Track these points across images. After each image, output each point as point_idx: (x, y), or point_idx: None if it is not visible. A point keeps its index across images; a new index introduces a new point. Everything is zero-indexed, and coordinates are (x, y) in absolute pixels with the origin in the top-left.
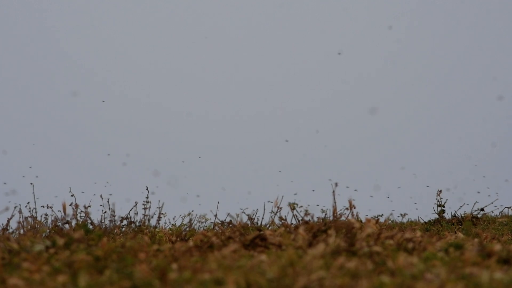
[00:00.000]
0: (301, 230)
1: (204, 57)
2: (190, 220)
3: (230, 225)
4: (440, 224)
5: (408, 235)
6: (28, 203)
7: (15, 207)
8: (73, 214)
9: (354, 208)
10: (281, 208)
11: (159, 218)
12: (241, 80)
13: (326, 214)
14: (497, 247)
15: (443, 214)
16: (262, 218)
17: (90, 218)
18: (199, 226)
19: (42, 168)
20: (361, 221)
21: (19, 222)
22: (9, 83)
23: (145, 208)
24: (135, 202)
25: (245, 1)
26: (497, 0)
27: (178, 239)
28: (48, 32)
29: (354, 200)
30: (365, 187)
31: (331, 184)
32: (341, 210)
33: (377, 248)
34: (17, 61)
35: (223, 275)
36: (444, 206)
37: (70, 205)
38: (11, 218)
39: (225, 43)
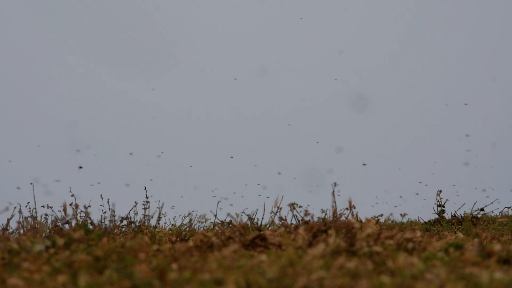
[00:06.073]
0: (301, 230)
1: (204, 57)
2: (190, 220)
3: (230, 225)
4: (440, 224)
5: (408, 235)
6: (28, 203)
7: (15, 207)
8: (73, 214)
9: (354, 208)
10: (281, 208)
11: (159, 218)
12: (241, 80)
13: (326, 214)
14: (497, 247)
15: (443, 214)
16: (262, 218)
17: (90, 218)
18: (199, 226)
19: (42, 168)
20: (361, 221)
21: (19, 222)
22: (10, 83)
23: (145, 208)
24: (135, 202)
25: (246, 0)
26: (497, 0)
27: (178, 239)
28: (48, 31)
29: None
30: (364, 187)
31: (331, 184)
32: (341, 210)
33: (377, 248)
34: (17, 61)
35: (223, 275)
36: (444, 206)
37: (70, 205)
38: (11, 218)
39: (225, 42)
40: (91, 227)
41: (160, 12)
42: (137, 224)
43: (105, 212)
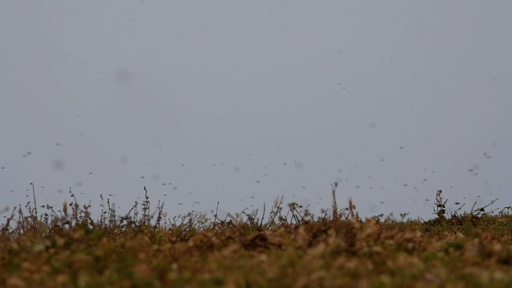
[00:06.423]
0: (301, 230)
1: (204, 56)
2: (190, 220)
3: (230, 225)
4: (440, 224)
5: (408, 235)
6: (28, 203)
7: (15, 207)
8: (73, 214)
9: (354, 208)
10: (281, 208)
11: (159, 218)
12: (241, 80)
13: (326, 214)
14: (497, 247)
15: (443, 214)
16: (262, 218)
17: (90, 218)
18: (199, 226)
19: (42, 168)
20: (361, 221)
21: (19, 222)
22: (10, 82)
23: (145, 208)
24: (135, 202)
25: (246, 0)
26: (497, 0)
27: (178, 239)
28: (48, 31)
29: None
30: (364, 186)
31: (331, 184)
32: (341, 210)
33: (377, 248)
34: (17, 61)
35: (223, 275)
36: (444, 206)
37: (70, 205)
38: (11, 218)
39: (225, 42)
40: (91, 227)
41: (159, 12)
42: (137, 224)
43: (105, 212)
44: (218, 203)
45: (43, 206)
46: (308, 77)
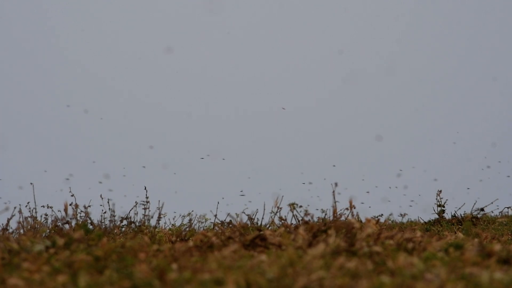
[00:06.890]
0: (301, 230)
1: (204, 56)
2: (190, 220)
3: (230, 225)
4: (440, 224)
5: (408, 235)
6: (28, 203)
7: (15, 207)
8: (73, 214)
9: (354, 208)
10: (281, 208)
11: (159, 218)
12: (241, 80)
13: (326, 214)
14: (497, 247)
15: (443, 214)
16: (262, 218)
17: (90, 218)
18: (199, 226)
19: (42, 168)
20: (361, 221)
21: (19, 222)
22: (10, 83)
23: (145, 208)
24: (135, 202)
25: (246, 0)
26: (497, 0)
27: (178, 239)
28: (48, 31)
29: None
30: (364, 187)
31: (331, 184)
32: (341, 210)
33: (377, 248)
34: (18, 61)
35: (223, 275)
36: (444, 206)
37: (70, 205)
38: (11, 218)
39: (225, 42)
40: (91, 227)
41: (159, 12)
42: (137, 224)
43: (105, 212)
44: (218, 203)
45: (43, 206)
46: (308, 77)
